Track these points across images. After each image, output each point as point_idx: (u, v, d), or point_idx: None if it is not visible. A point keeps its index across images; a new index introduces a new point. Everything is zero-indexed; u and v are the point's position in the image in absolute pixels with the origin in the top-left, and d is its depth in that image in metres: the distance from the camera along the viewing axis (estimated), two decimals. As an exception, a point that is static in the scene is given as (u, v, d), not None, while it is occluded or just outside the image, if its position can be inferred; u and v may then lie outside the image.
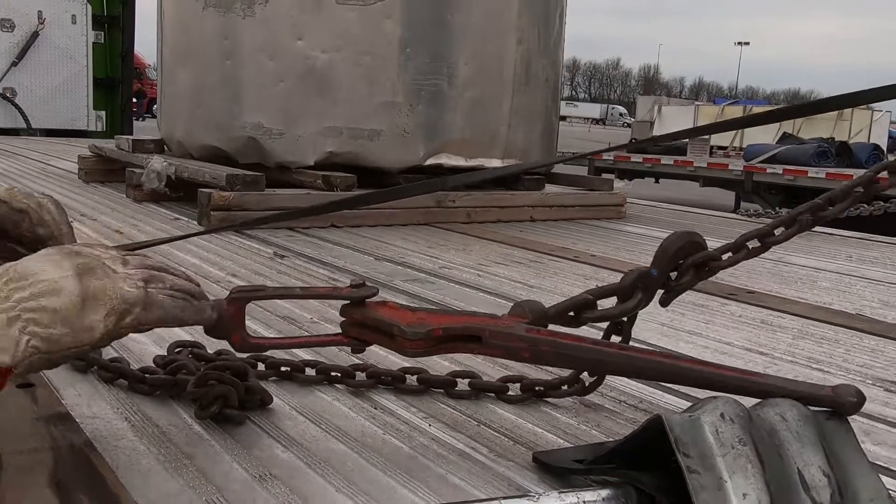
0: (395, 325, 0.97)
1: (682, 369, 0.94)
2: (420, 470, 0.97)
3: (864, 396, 0.90)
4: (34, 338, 0.79)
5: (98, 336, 0.83)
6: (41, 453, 0.93)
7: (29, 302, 0.80)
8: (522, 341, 0.95)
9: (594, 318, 1.05)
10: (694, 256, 1.08)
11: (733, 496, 0.76)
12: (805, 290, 2.24)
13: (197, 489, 0.88)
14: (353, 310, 1.02)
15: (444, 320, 0.99)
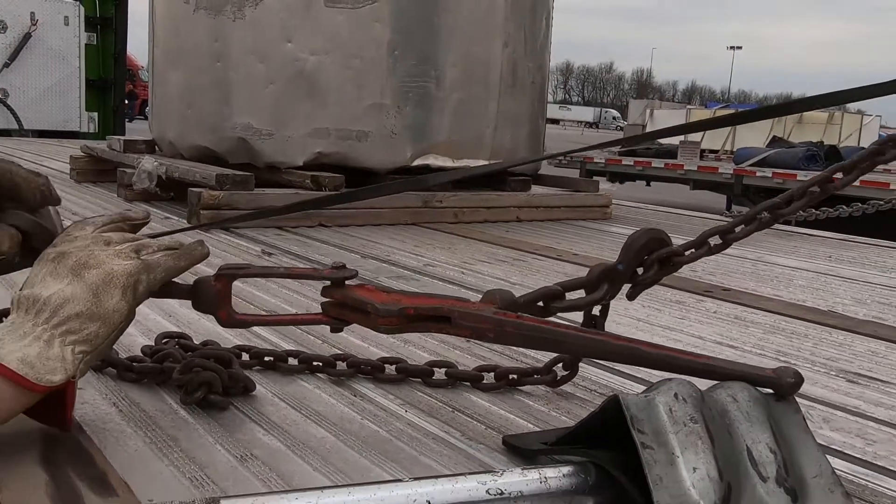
0: (370, 302, 1.02)
1: (636, 351, 0.99)
2: (395, 452, 1.02)
3: (801, 378, 0.95)
4: (77, 344, 0.87)
5: (126, 313, 0.91)
6: (32, 434, 0.97)
7: (53, 319, 0.87)
8: (488, 322, 0.99)
9: (562, 308, 1.10)
10: (658, 252, 1.13)
11: (684, 470, 0.81)
12: (781, 287, 2.30)
13: (181, 468, 0.93)
14: (332, 290, 1.07)
15: (417, 301, 1.04)
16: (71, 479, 0.87)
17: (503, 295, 1.06)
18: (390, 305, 1.02)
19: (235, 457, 0.97)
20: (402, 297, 1.05)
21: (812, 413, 1.25)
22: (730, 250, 3.11)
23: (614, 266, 1.11)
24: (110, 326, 0.90)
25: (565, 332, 1.01)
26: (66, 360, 0.86)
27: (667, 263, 1.15)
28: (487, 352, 1.46)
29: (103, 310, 0.89)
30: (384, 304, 1.02)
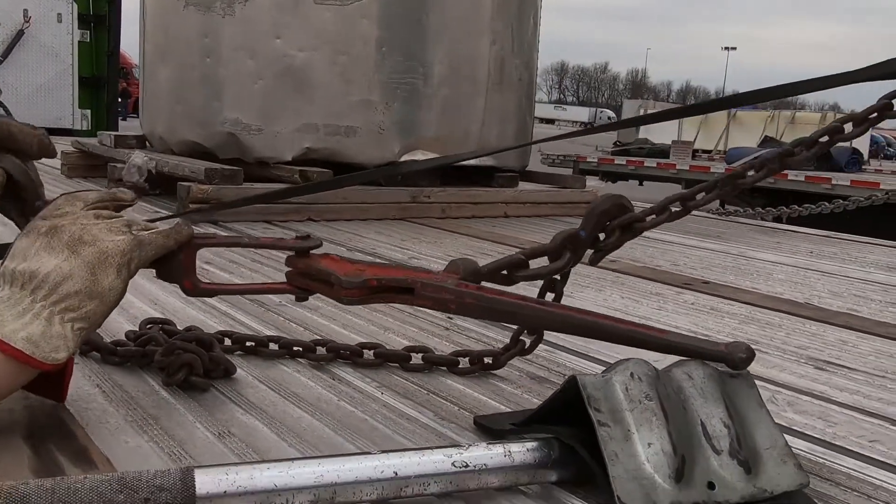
0: (333, 273, 1.02)
1: (592, 323, 1.01)
2: (369, 430, 1.05)
3: (753, 353, 0.97)
4: (76, 322, 0.89)
5: (121, 290, 0.93)
6: (16, 412, 1.00)
7: (52, 296, 0.88)
8: (450, 293, 1.01)
9: (525, 276, 1.10)
10: (620, 218, 1.13)
11: (639, 445, 0.85)
12: (760, 281, 2.34)
13: (161, 444, 0.96)
14: (296, 260, 1.07)
15: (381, 272, 1.04)
16: (53, 453, 0.90)
17: (466, 264, 1.07)
18: (353, 277, 1.02)
19: (214, 434, 1.00)
20: (367, 268, 1.05)
21: (778, 397, 1.29)
22: (713, 245, 3.16)
23: (576, 233, 1.10)
24: (107, 305, 0.92)
25: (524, 304, 1.02)
26: (68, 338, 0.88)
27: (628, 229, 1.15)
28: (464, 339, 1.50)
29: (101, 288, 0.91)
30: (347, 275, 1.02)
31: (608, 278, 2.22)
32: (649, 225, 1.16)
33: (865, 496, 0.95)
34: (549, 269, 1.11)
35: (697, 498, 0.83)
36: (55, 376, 0.93)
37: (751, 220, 4.29)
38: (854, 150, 14.16)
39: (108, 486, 0.74)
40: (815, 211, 3.83)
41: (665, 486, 0.82)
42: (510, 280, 1.10)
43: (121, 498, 0.73)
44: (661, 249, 2.84)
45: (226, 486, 0.77)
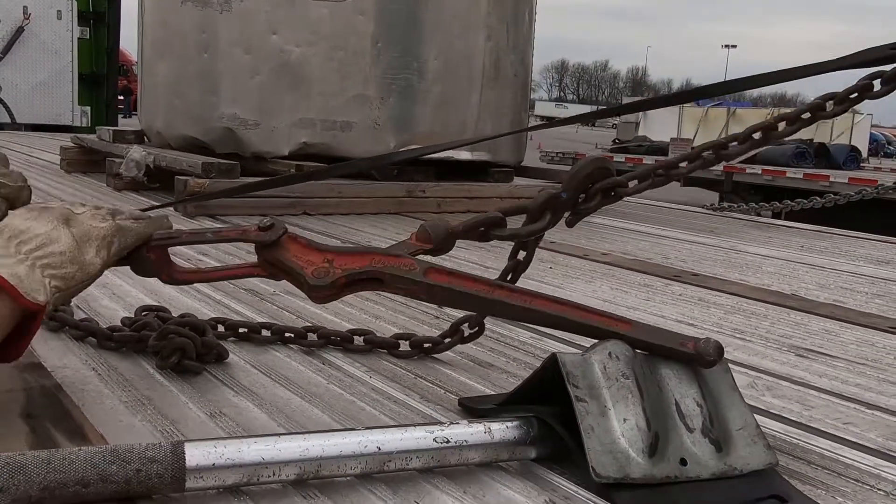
0: (302, 275, 1.02)
1: (558, 316, 1.01)
2: (356, 411, 1.08)
3: (722, 353, 0.97)
4: (54, 279, 0.92)
5: (99, 267, 0.97)
6: (15, 393, 1.04)
7: (37, 252, 0.92)
8: (418, 286, 1.02)
9: (503, 236, 1.10)
10: (602, 182, 1.12)
11: (615, 420, 0.88)
12: (749, 273, 2.37)
13: (154, 423, 1.00)
14: (265, 251, 1.05)
15: (349, 263, 1.02)
16: (49, 431, 0.94)
17: (436, 230, 1.06)
18: (321, 278, 1.01)
19: (206, 414, 1.04)
20: (335, 257, 1.03)
21: (758, 382, 1.32)
22: (705, 239, 3.19)
23: (558, 194, 1.09)
24: (85, 273, 0.96)
25: (496, 296, 1.03)
26: (46, 287, 0.91)
27: (609, 193, 1.14)
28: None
29: (82, 258, 0.95)
30: (316, 274, 1.01)
31: (599, 270, 2.25)
32: (632, 190, 1.16)
33: (836, 474, 0.98)
34: (527, 230, 1.09)
35: (669, 472, 0.87)
36: (11, 338, 0.94)
37: (745, 216, 4.32)
38: (853, 148, 14.20)
39: (101, 458, 0.77)
40: (808, 206, 3.87)
41: (639, 459, 0.86)
42: (486, 237, 1.09)
43: (113, 468, 0.76)
44: (652, 243, 2.87)
45: (214, 459, 0.80)
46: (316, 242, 1.06)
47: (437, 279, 1.02)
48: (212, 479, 0.80)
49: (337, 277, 1.01)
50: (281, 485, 0.84)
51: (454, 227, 1.09)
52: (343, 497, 0.84)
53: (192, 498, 0.81)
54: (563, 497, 0.88)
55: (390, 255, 1.04)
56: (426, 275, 1.02)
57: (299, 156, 3.15)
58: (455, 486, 0.88)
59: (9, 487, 0.73)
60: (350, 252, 1.05)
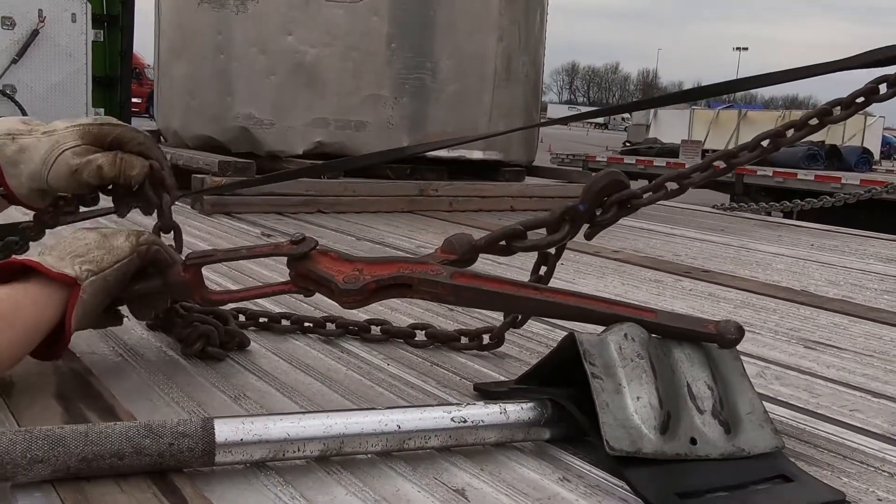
0: (333, 281, 1.06)
1: (586, 309, 1.05)
2: (374, 396, 1.12)
3: (742, 332, 1.01)
4: (84, 263, 1.03)
5: (127, 250, 1.08)
6: (47, 376, 1.08)
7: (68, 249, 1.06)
8: (446, 288, 1.06)
9: (523, 247, 1.13)
10: (618, 194, 1.16)
11: (629, 398, 0.91)
12: (759, 270, 2.39)
13: (181, 404, 1.03)
14: (297, 264, 1.09)
15: (378, 270, 1.07)
16: (82, 410, 0.98)
17: (461, 242, 1.11)
18: (351, 283, 1.06)
19: (230, 396, 1.07)
20: (364, 266, 1.08)
21: (767, 372, 1.35)
22: (715, 237, 3.22)
23: (575, 206, 1.14)
24: (114, 256, 1.06)
25: (520, 293, 1.07)
26: (75, 268, 1.02)
27: (625, 205, 1.17)
28: (468, 318, 1.56)
29: (109, 244, 1.07)
30: (346, 280, 1.06)
31: (610, 266, 2.28)
32: (646, 201, 1.20)
33: (841, 456, 1.01)
34: (547, 241, 1.14)
35: (680, 450, 0.90)
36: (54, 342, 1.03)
37: (755, 216, 4.33)
38: (864, 150, 14.17)
39: (136, 432, 0.81)
40: (818, 205, 3.88)
41: (651, 436, 0.89)
42: (508, 251, 1.14)
43: (147, 442, 0.80)
44: (663, 241, 2.90)
45: (242, 435, 0.84)
46: (346, 254, 1.11)
47: (464, 281, 1.06)
48: (240, 454, 0.84)
49: (367, 283, 1.06)
50: (305, 461, 0.88)
51: (478, 241, 1.13)
52: (364, 473, 0.87)
53: (221, 472, 0.84)
54: (576, 475, 0.91)
55: (418, 263, 1.08)
56: (452, 278, 1.06)
57: (314, 155, 3.19)
58: (472, 464, 0.91)
59: (49, 458, 0.77)
60: (379, 261, 1.09)
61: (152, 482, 0.80)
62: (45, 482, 0.78)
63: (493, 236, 1.13)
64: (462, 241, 1.12)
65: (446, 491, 0.85)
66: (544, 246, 1.15)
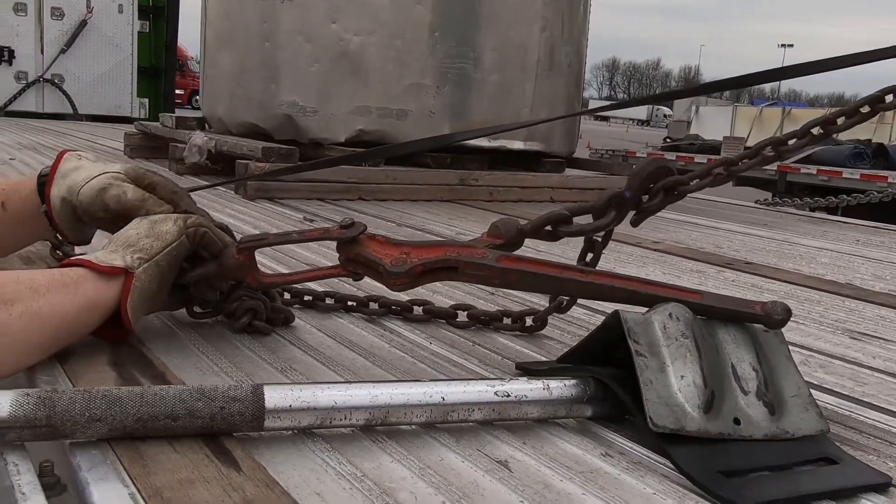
0: (381, 264, 1.10)
1: (632, 290, 1.06)
2: (418, 372, 1.13)
3: (790, 313, 1.01)
4: (134, 252, 1.09)
5: (175, 233, 1.13)
6: (100, 345, 1.10)
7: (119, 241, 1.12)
8: (492, 271, 1.08)
9: (569, 232, 1.14)
10: (664, 180, 1.16)
11: (672, 376, 0.92)
12: (803, 264, 2.36)
13: (229, 374, 1.06)
14: (346, 247, 1.13)
15: (425, 254, 1.10)
16: (135, 376, 1.00)
17: (507, 226, 1.12)
18: (399, 266, 1.08)
19: (277, 368, 1.09)
20: (411, 250, 1.10)
21: (811, 360, 1.34)
22: (758, 231, 3.18)
23: (621, 192, 1.14)
24: (163, 241, 1.12)
25: (565, 275, 1.08)
26: (125, 258, 1.08)
27: (672, 192, 1.18)
28: (508, 301, 1.57)
29: (157, 231, 1.13)
30: (394, 263, 1.08)
31: (650, 256, 2.27)
32: (693, 188, 1.20)
33: (888, 443, 1.00)
34: (593, 226, 1.14)
35: (723, 430, 0.90)
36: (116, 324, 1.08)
37: (799, 211, 4.27)
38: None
39: (189, 395, 0.83)
40: (864, 200, 3.81)
41: (694, 414, 0.89)
42: (554, 236, 1.14)
43: (199, 405, 0.82)
44: (704, 233, 2.87)
45: (291, 401, 0.85)
46: (393, 238, 1.13)
47: (510, 264, 1.08)
48: (288, 420, 0.86)
49: (414, 265, 1.08)
50: (350, 429, 0.90)
51: (524, 226, 1.14)
52: (409, 443, 0.88)
53: (269, 437, 0.86)
54: (618, 452, 0.91)
55: (464, 246, 1.10)
56: (499, 261, 1.08)
57: (356, 142, 3.22)
58: (514, 437, 0.92)
59: (106, 417, 0.79)
60: (426, 245, 1.12)
61: (204, 444, 0.82)
62: (102, 441, 0.80)
63: (539, 221, 1.14)
64: (508, 225, 1.13)
65: (490, 462, 0.86)
66: (591, 231, 1.15)
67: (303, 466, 0.81)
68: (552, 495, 0.79)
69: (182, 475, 0.75)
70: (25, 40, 9.70)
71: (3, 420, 0.76)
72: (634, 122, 69.75)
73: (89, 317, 1.04)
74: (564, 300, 1.33)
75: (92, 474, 0.75)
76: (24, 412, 0.76)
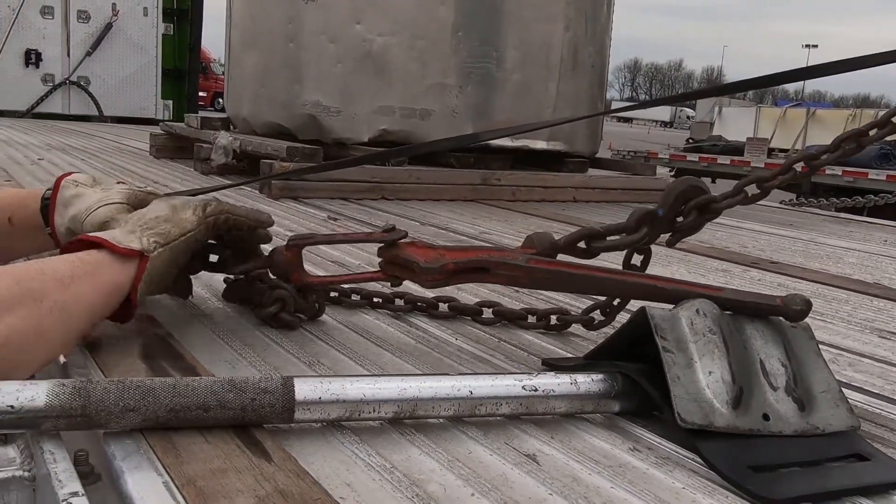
0: (415, 262, 1.15)
1: (656, 287, 1.07)
2: (444, 367, 1.14)
3: (809, 305, 1.01)
4: (152, 235, 1.10)
5: (195, 222, 1.15)
6: (132, 338, 1.12)
7: (139, 222, 1.13)
8: (521, 270, 1.11)
9: (603, 248, 1.16)
10: (696, 199, 1.17)
11: (700, 372, 0.91)
12: (829, 263, 2.34)
13: (257, 366, 1.07)
14: (385, 251, 1.19)
15: (458, 255, 1.14)
16: (166, 369, 1.02)
17: (541, 239, 1.15)
18: (433, 263, 1.13)
19: (305, 363, 1.10)
20: (445, 252, 1.16)
21: (839, 359, 1.33)
22: (783, 231, 3.15)
23: (654, 211, 1.16)
24: (181, 228, 1.14)
25: (591, 274, 1.10)
26: (142, 240, 1.08)
27: (705, 210, 1.19)
28: (533, 299, 1.57)
29: (177, 217, 1.15)
30: (428, 262, 1.13)
31: (675, 255, 2.26)
32: (725, 205, 1.19)
33: (919, 441, 0.99)
34: (627, 241, 1.15)
35: (752, 425, 0.89)
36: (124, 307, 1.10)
37: (824, 212, 4.23)
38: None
39: (220, 386, 0.84)
40: (892, 200, 3.77)
41: (723, 410, 0.89)
42: (588, 253, 1.15)
43: (231, 396, 0.83)
44: (729, 233, 2.85)
45: (321, 393, 0.86)
46: (430, 243, 1.20)
47: (539, 264, 1.11)
48: (318, 413, 0.86)
49: (446, 263, 1.13)
50: (379, 422, 0.90)
51: (558, 240, 1.16)
52: (437, 436, 0.89)
53: (299, 429, 0.87)
54: (646, 447, 0.91)
55: (497, 250, 1.16)
56: (528, 262, 1.12)
57: (379, 142, 3.23)
58: (542, 431, 0.92)
59: (139, 407, 0.80)
60: (460, 248, 1.18)
61: (235, 434, 0.83)
62: (135, 431, 0.82)
63: (572, 236, 1.15)
64: (543, 238, 1.16)
65: (518, 455, 0.86)
66: (623, 246, 1.16)
67: (332, 458, 0.82)
68: (581, 488, 0.79)
69: (214, 465, 0.76)
70: (52, 43, 9.81)
71: (40, 409, 0.77)
72: (658, 124, 69.36)
73: (110, 301, 1.06)
74: (596, 318, 1.33)
75: (126, 463, 0.76)
76: (60, 402, 0.78)
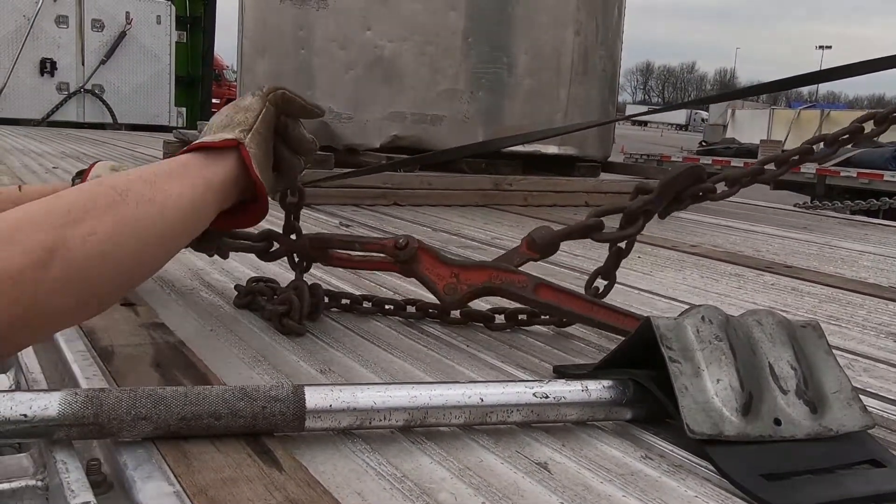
0: (435, 290, 1.27)
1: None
2: (455, 374, 1.14)
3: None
4: (235, 128, 1.17)
5: (260, 103, 1.21)
6: (143, 346, 1.13)
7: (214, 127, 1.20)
8: (528, 302, 1.24)
9: (602, 238, 1.24)
10: (692, 188, 1.21)
11: (708, 381, 0.91)
12: (844, 267, 2.33)
13: (270, 375, 1.07)
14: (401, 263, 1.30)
15: (472, 279, 1.25)
16: (178, 378, 1.02)
17: (541, 236, 1.19)
18: (450, 293, 1.26)
19: (316, 370, 1.11)
20: (460, 272, 1.26)
21: (854, 364, 1.32)
22: (797, 234, 3.13)
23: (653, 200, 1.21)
24: (253, 112, 1.20)
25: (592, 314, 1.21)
26: (230, 133, 1.16)
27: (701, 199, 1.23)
28: (546, 305, 1.57)
29: (243, 106, 1.21)
30: (446, 291, 1.25)
31: (688, 260, 2.25)
32: (720, 196, 1.22)
33: (935, 447, 0.98)
34: (620, 235, 1.21)
35: (763, 431, 0.89)
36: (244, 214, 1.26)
37: (839, 214, 4.21)
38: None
39: (231, 395, 0.84)
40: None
41: (732, 418, 0.88)
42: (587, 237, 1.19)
43: (242, 405, 0.84)
44: (742, 237, 2.84)
45: (331, 401, 0.86)
46: (443, 255, 1.28)
47: (545, 296, 1.22)
48: (328, 421, 0.86)
49: (463, 294, 1.26)
50: (390, 431, 0.90)
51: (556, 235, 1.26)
52: (448, 444, 0.89)
53: (310, 437, 0.87)
54: (658, 454, 0.91)
55: (506, 271, 1.23)
56: (535, 291, 1.22)
57: (390, 148, 3.24)
58: (553, 439, 0.92)
59: (151, 416, 0.81)
60: (472, 267, 1.27)
61: (245, 443, 0.83)
62: (147, 440, 0.82)
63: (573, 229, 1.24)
64: (543, 236, 1.23)
65: (529, 463, 0.86)
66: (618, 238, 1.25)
67: (343, 466, 0.82)
68: (592, 497, 0.79)
69: (225, 474, 0.76)
70: (67, 52, 9.89)
71: (52, 418, 0.78)
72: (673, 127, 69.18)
73: (206, 196, 1.08)
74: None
75: (138, 472, 0.76)
76: (73, 410, 0.78)
